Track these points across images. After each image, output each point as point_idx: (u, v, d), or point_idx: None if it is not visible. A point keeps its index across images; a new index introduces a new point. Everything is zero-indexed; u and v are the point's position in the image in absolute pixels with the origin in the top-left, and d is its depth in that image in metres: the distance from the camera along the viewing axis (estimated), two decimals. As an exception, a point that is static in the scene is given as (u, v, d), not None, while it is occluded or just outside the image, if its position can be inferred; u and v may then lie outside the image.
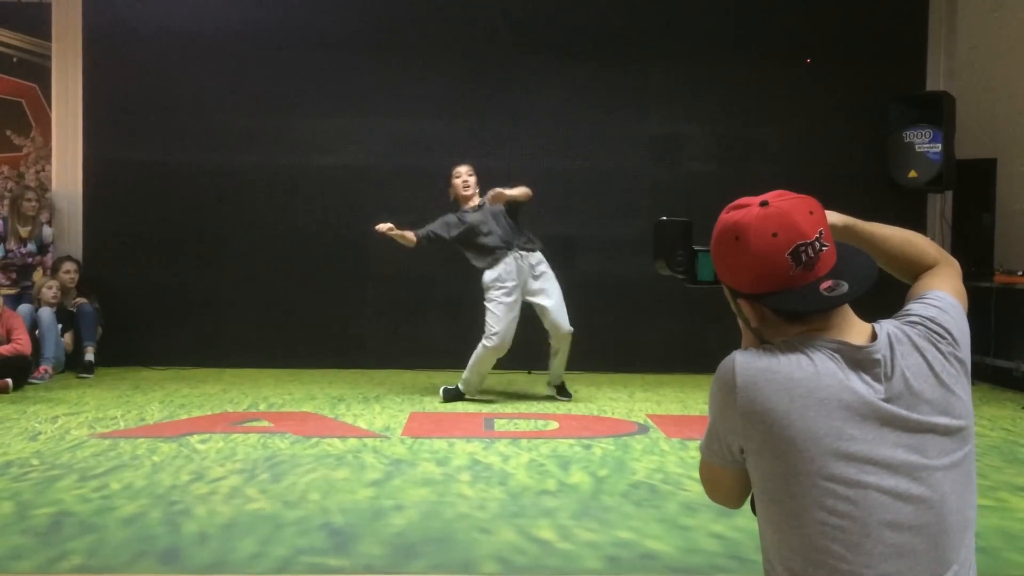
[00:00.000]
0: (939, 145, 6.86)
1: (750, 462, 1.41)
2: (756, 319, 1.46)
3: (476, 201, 5.62)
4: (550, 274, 5.53)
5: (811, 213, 1.41)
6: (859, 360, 1.36)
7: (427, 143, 7.18)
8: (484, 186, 5.68)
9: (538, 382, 6.37)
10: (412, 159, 7.19)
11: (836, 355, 1.36)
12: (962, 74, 7.43)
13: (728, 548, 2.73)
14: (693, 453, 4.12)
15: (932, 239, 6.72)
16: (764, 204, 1.41)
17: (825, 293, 1.36)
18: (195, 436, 4.36)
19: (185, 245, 7.15)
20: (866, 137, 7.20)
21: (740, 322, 1.52)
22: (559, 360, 5.58)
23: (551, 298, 5.46)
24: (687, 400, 5.77)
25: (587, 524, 2.99)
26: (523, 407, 5.48)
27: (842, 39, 7.23)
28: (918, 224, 7.13)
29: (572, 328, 5.48)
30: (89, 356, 6.48)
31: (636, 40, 7.21)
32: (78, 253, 7.03)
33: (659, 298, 7.15)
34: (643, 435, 4.56)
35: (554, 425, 4.85)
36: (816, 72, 7.22)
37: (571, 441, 4.37)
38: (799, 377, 1.34)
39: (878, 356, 1.36)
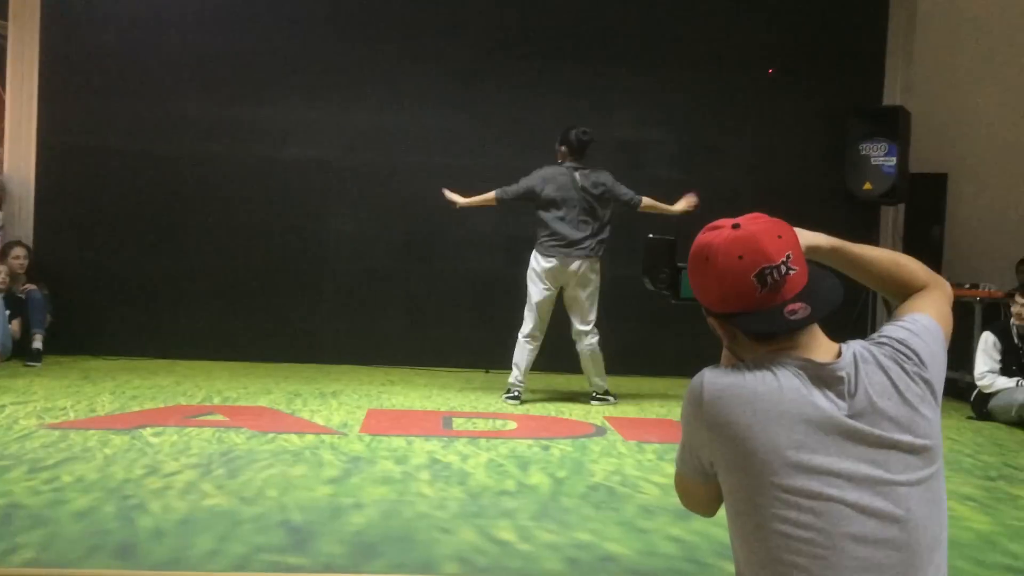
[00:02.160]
0: (894, 159, 7.03)
1: (719, 475, 1.45)
2: (727, 337, 1.51)
3: None
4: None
5: (779, 237, 1.44)
6: (823, 377, 1.40)
7: (389, 137, 7.15)
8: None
9: (496, 381, 6.37)
10: (374, 154, 7.16)
11: (801, 372, 1.40)
12: (918, 90, 7.61)
13: (686, 551, 2.76)
14: (650, 456, 4.16)
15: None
16: (736, 227, 1.45)
17: (788, 316, 1.40)
18: (148, 429, 4.29)
19: (139, 233, 7.03)
20: (824, 148, 7.35)
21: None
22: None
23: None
24: (644, 403, 5.82)
25: (547, 525, 3.00)
26: (481, 406, 5.48)
27: (804, 52, 7.36)
28: (871, 235, 7.28)
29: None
30: (37, 344, 6.35)
31: (604, 44, 7.26)
32: (29, 238, 6.87)
33: (616, 302, 7.18)
34: (600, 437, 4.59)
35: (512, 425, 4.87)
36: (778, 83, 7.34)
37: (529, 442, 4.39)
38: (762, 391, 1.38)
39: (842, 373, 1.40)
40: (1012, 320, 5.73)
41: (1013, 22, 8.01)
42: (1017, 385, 5.51)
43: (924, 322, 1.52)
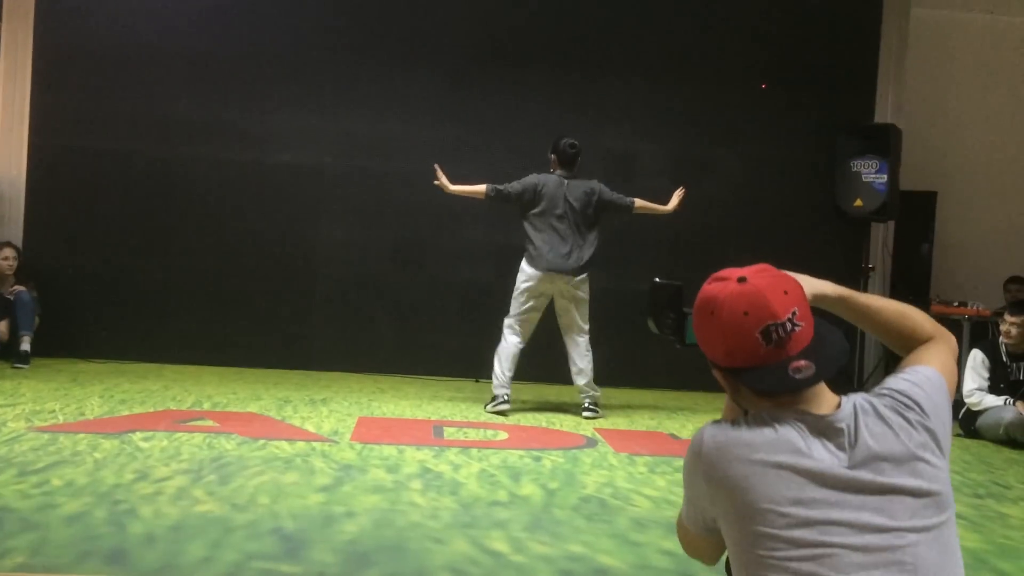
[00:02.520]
0: (885, 176, 7.07)
1: (721, 527, 1.45)
2: (730, 389, 1.52)
3: None
4: None
5: (786, 293, 1.44)
6: (823, 428, 1.40)
7: (381, 144, 7.15)
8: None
9: (485, 390, 6.36)
10: (365, 160, 7.16)
11: (800, 424, 1.41)
12: (909, 108, 7.68)
13: (678, 565, 2.77)
14: (641, 468, 4.17)
15: (874, 267, 6.89)
16: (742, 280, 1.45)
17: (793, 375, 1.40)
18: (138, 433, 4.27)
19: (130, 236, 6.99)
20: (815, 164, 7.39)
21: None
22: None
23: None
24: (633, 415, 5.83)
25: (539, 537, 3.00)
26: (472, 415, 5.48)
27: (797, 69, 7.41)
28: (861, 252, 7.33)
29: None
30: (25, 346, 6.30)
31: (596, 55, 7.29)
32: (18, 239, 6.83)
33: (608, 312, 7.21)
34: (591, 449, 4.59)
35: (503, 435, 4.86)
36: (770, 98, 7.38)
37: (521, 452, 4.39)
38: (759, 443, 1.39)
39: (841, 425, 1.40)
40: (1000, 338, 5.77)
41: (1003, 43, 8.10)
42: (1005, 403, 5.54)
43: (927, 373, 1.52)
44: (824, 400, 1.44)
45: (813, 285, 1.60)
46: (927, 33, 7.89)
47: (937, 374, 1.53)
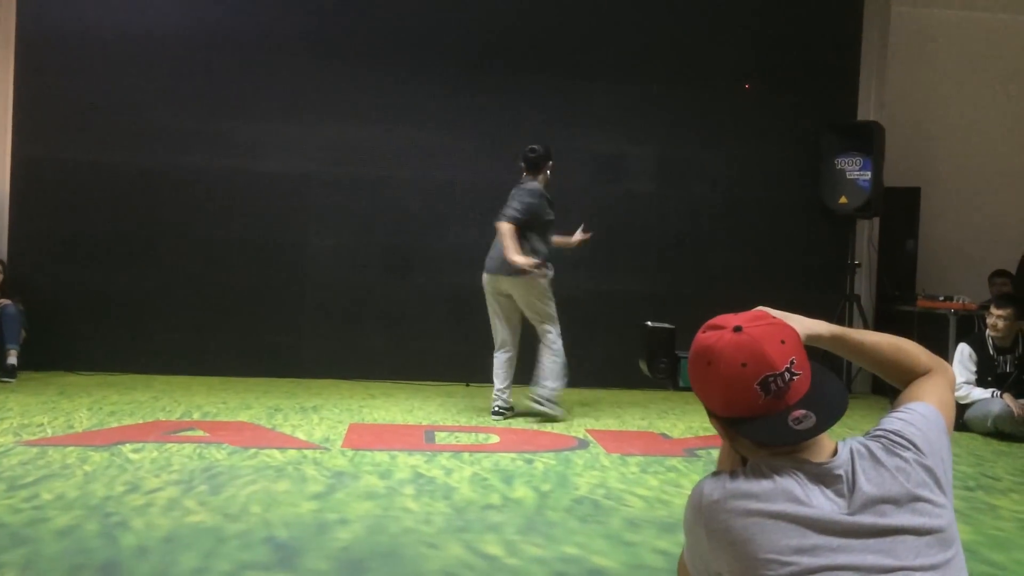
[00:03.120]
0: (869, 173, 7.13)
1: None
2: (728, 438, 1.52)
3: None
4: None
5: (783, 342, 1.43)
6: (820, 476, 1.41)
7: (367, 151, 7.14)
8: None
9: (477, 394, 6.37)
10: (353, 168, 7.14)
11: (798, 473, 1.41)
12: (891, 106, 7.73)
13: (673, 564, 2.77)
14: (633, 468, 4.18)
15: (860, 263, 6.93)
16: (738, 329, 1.44)
17: (793, 425, 1.40)
18: (127, 445, 4.25)
19: (115, 247, 6.95)
20: (800, 163, 7.43)
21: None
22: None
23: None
24: (624, 415, 5.83)
25: (533, 539, 3.01)
26: (463, 420, 5.47)
27: (780, 69, 7.45)
28: (847, 249, 7.37)
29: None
30: (12, 359, 6.25)
31: (581, 59, 7.30)
32: (3, 252, 6.78)
33: (597, 314, 7.23)
34: (583, 450, 4.60)
35: (495, 439, 4.86)
36: (754, 99, 7.42)
37: (513, 455, 4.39)
38: (758, 493, 1.39)
39: (839, 472, 1.41)
40: (987, 331, 5.81)
41: (983, 39, 8.17)
42: (992, 396, 5.58)
43: (922, 411, 1.52)
44: (821, 447, 1.44)
45: (807, 326, 1.60)
46: (908, 30, 7.95)
47: (933, 410, 1.53)
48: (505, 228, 5.30)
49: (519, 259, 5.21)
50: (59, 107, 6.88)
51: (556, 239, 5.67)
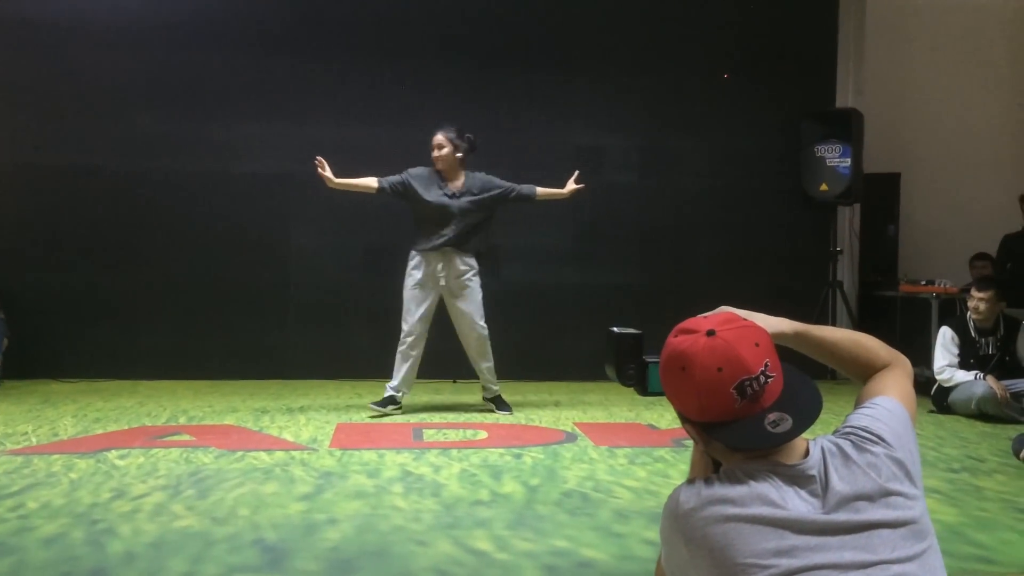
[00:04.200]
0: (848, 160, 7.16)
1: None
2: (702, 442, 1.52)
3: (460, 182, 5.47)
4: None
5: (757, 345, 1.44)
6: (794, 477, 1.41)
7: (350, 150, 7.10)
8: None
9: (464, 391, 6.37)
10: (333, 166, 7.07)
11: (772, 476, 1.41)
12: (869, 92, 7.77)
13: (662, 554, 2.78)
14: (621, 460, 4.19)
15: (842, 250, 6.95)
16: (711, 333, 1.44)
17: (769, 428, 1.41)
18: (113, 451, 4.22)
19: (96, 252, 6.90)
20: (780, 151, 7.45)
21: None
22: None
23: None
24: (612, 408, 5.85)
25: (523, 534, 3.01)
26: (451, 417, 5.47)
27: (758, 57, 7.47)
28: (829, 236, 7.41)
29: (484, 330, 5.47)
30: (-6, 368, 6.21)
31: (559, 51, 7.30)
32: (-19, 260, 6.72)
33: (582, 307, 7.24)
34: (571, 443, 4.60)
35: (483, 434, 4.86)
36: (733, 87, 7.44)
37: (501, 450, 4.39)
38: (733, 498, 1.39)
39: (812, 472, 1.42)
40: (969, 314, 5.85)
41: (960, 24, 8.22)
42: (976, 378, 5.63)
43: (887, 405, 1.54)
44: (793, 448, 1.45)
45: (771, 324, 1.60)
46: (885, 16, 7.99)
47: (897, 404, 1.54)
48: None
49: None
50: (34, 112, 6.82)
51: (542, 191, 5.56)
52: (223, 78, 7.00)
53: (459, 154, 5.47)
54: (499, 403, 5.58)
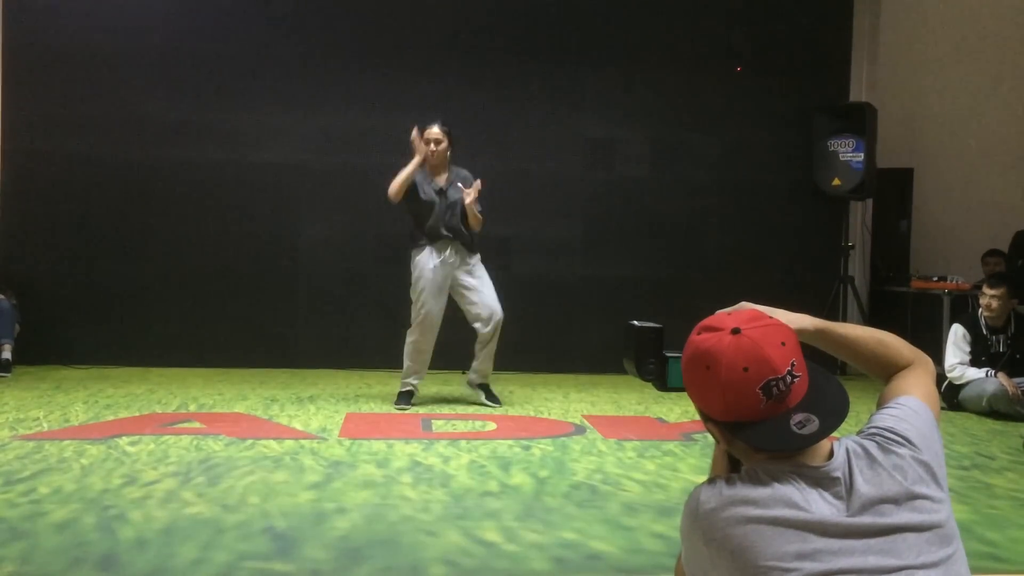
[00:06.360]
0: (861, 154, 7.12)
1: None
2: (725, 441, 1.49)
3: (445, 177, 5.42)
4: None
5: (783, 344, 1.41)
6: (818, 479, 1.38)
7: (360, 140, 7.11)
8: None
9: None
10: (345, 157, 7.11)
11: (795, 477, 1.38)
12: (883, 87, 7.72)
13: (671, 547, 2.78)
14: (630, 453, 4.19)
15: (854, 245, 6.91)
16: (736, 332, 1.40)
17: (796, 429, 1.38)
18: (124, 438, 4.24)
19: (108, 240, 6.92)
20: (793, 145, 7.42)
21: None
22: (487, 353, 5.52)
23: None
24: (621, 401, 5.83)
25: (531, 525, 3.01)
26: (460, 408, 5.48)
27: (771, 50, 7.43)
28: (840, 230, 7.37)
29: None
30: (6, 354, 6.23)
31: (572, 43, 7.28)
32: (-6, 247, 6.76)
33: (592, 299, 7.24)
34: (580, 436, 4.61)
35: (492, 426, 4.87)
36: (746, 81, 7.40)
37: (510, 442, 4.40)
38: (756, 500, 1.36)
39: (837, 474, 1.39)
40: (981, 311, 5.82)
41: (975, 20, 8.16)
42: (987, 375, 5.60)
43: (912, 405, 1.51)
44: (818, 449, 1.42)
45: (792, 320, 1.57)
46: (899, 10, 7.94)
47: (922, 404, 1.52)
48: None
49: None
50: (47, 101, 6.83)
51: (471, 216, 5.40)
52: (236, 67, 7.00)
53: (449, 149, 5.44)
54: (488, 392, 5.55)
